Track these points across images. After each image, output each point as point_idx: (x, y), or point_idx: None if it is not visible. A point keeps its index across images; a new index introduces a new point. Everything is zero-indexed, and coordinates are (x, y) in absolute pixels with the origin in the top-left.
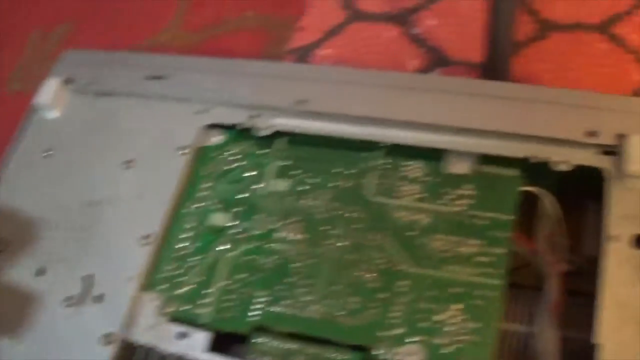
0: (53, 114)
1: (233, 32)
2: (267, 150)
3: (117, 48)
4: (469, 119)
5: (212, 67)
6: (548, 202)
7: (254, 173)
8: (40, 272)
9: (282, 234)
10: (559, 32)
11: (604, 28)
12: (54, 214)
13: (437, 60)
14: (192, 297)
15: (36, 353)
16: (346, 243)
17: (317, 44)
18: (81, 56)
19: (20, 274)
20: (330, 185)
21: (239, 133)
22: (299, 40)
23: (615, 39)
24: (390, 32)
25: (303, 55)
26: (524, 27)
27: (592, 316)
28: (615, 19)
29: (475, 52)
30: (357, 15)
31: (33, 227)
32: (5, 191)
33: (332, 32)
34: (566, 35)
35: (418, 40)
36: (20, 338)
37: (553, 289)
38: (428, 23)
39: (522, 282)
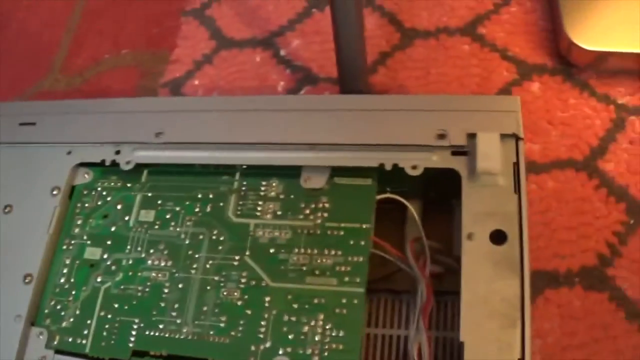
0: None
1: (110, 71)
2: (131, 184)
3: (3, 98)
4: (323, 134)
5: (79, 108)
6: (409, 208)
7: (120, 207)
8: None
9: (150, 263)
10: (422, 39)
11: (468, 30)
12: None
13: (303, 79)
14: (74, 329)
15: None
16: (209, 265)
17: (189, 74)
18: None
19: None
20: (192, 211)
21: (105, 169)
22: (172, 72)
23: (480, 40)
24: (258, 56)
25: (177, 86)
26: (389, 37)
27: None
28: (480, 19)
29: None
30: (225, 43)
31: None
32: None
33: (203, 62)
34: (430, 41)
35: (285, 62)
36: None
37: (423, 292)
38: (293, 44)
39: (398, 288)
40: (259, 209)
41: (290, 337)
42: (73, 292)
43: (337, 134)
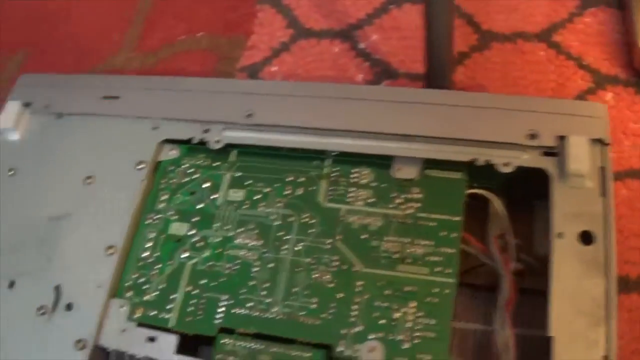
0: (14, 136)
1: (185, 53)
2: (220, 163)
3: (75, 72)
4: (415, 126)
5: (165, 85)
6: (495, 203)
7: (209, 184)
8: (11, 285)
9: (239, 241)
10: (499, 42)
11: (544, 37)
12: (19, 230)
13: (382, 72)
14: (158, 303)
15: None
16: (300, 247)
17: (266, 61)
18: (38, 80)
19: None
20: (282, 193)
21: (192, 147)
22: (249, 58)
23: (555, 47)
24: (337, 47)
25: (253, 72)
26: (467, 38)
27: (544, 313)
28: (556, 27)
29: (417, 63)
30: (303, 32)
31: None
32: None
33: (280, 49)
34: (507, 45)
35: (364, 55)
36: (2, 349)
37: (506, 288)
38: (372, 38)
39: (477, 283)
40: (350, 195)
41: (381, 322)
42: (158, 266)
43: (429, 127)
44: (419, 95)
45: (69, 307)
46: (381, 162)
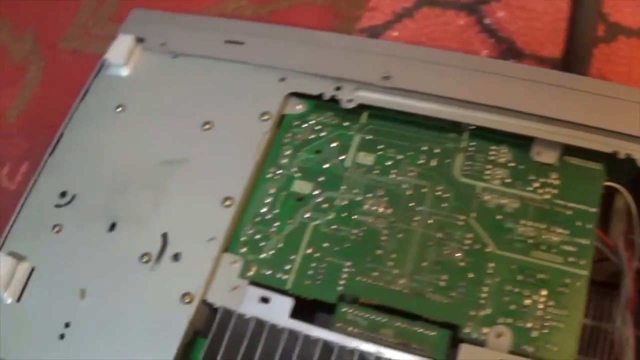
0: (124, 71)
1: (301, 7)
2: (349, 123)
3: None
4: (557, 109)
5: (294, 36)
6: (627, 199)
7: (336, 144)
8: (112, 227)
9: (367, 207)
10: (626, 36)
11: None
12: (124, 170)
13: (507, 51)
14: (274, 263)
15: (114, 309)
16: (432, 221)
17: (388, 25)
18: (151, 16)
19: (91, 229)
20: (415, 162)
21: (320, 103)
22: (370, 19)
23: None
24: (462, 20)
25: (373, 34)
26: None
27: None
28: None
29: (543, 46)
30: (428, 1)
31: (101, 181)
32: (72, 144)
33: (403, 15)
34: (632, 40)
35: (489, 31)
36: (95, 294)
37: (629, 286)
38: (498, 14)
39: (596, 279)
40: (487, 172)
41: (511, 308)
42: (276, 224)
43: (571, 112)
44: (562, 79)
45: (175, 257)
46: (520, 143)
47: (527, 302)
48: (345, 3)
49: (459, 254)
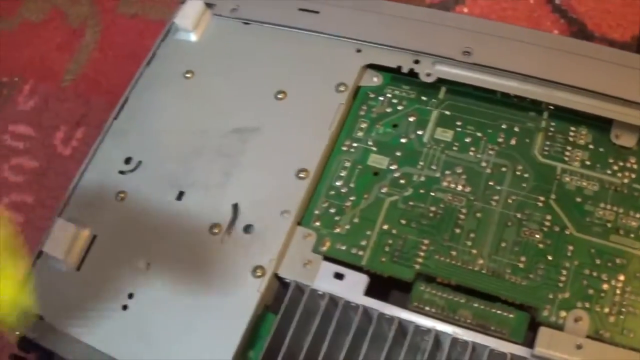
0: (193, 37)
1: None
2: (427, 98)
3: None
4: (637, 92)
5: (370, 7)
6: None
7: (414, 119)
8: (180, 196)
9: (445, 184)
10: None
11: None
12: (193, 137)
13: (578, 32)
14: (349, 238)
15: (180, 280)
16: (511, 201)
17: (458, 0)
18: None
19: (157, 197)
20: (495, 140)
21: (397, 77)
22: None
23: None
24: None
25: (444, 9)
26: None
27: None
28: None
29: (615, 29)
30: None
31: (168, 149)
32: (137, 109)
33: None
34: None
35: (560, 11)
36: (160, 265)
37: None
38: None
39: None
40: (567, 154)
41: (589, 292)
42: (352, 198)
43: None
44: None
45: (247, 229)
46: (600, 125)
47: (605, 286)
48: None
49: (538, 235)
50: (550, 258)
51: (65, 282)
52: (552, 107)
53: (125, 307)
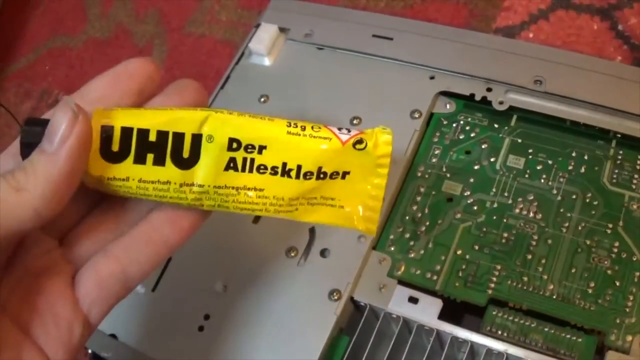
0: (267, 61)
1: (437, 3)
2: (499, 125)
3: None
4: None
5: (442, 34)
6: None
7: (486, 146)
8: (257, 220)
9: (517, 211)
10: None
11: None
12: None
13: None
14: (424, 262)
15: (257, 302)
16: (581, 228)
17: (523, 25)
18: (294, 6)
19: (234, 220)
20: (565, 168)
21: (469, 104)
22: (505, 19)
23: None
24: (596, 24)
25: (510, 35)
26: None
27: None
28: None
29: None
30: (563, 3)
31: None
32: None
33: (538, 16)
34: None
35: (623, 37)
36: (237, 287)
37: None
38: (630, 21)
39: None
40: (634, 182)
41: None
42: (426, 224)
43: None
44: None
45: (323, 253)
46: None
47: None
48: (481, 1)
49: (606, 262)
50: (617, 284)
51: (140, 303)
52: (619, 136)
53: (201, 328)
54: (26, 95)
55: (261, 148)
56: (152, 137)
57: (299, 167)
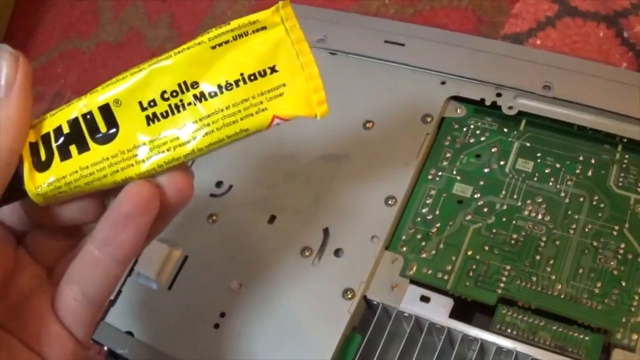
0: None
1: (445, 9)
2: (508, 130)
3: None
4: None
5: (454, 40)
6: None
7: (496, 149)
8: (272, 220)
9: (526, 213)
10: None
11: None
12: (282, 163)
13: None
14: (435, 262)
15: (272, 300)
16: (588, 230)
17: (531, 32)
18: (306, 11)
19: (249, 220)
20: (573, 172)
21: (479, 109)
22: (513, 26)
23: None
24: (602, 31)
25: (517, 41)
26: None
27: None
28: None
29: None
30: (569, 11)
31: (258, 173)
32: None
33: (546, 23)
34: None
35: (628, 44)
36: (252, 285)
37: None
38: (635, 28)
39: None
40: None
41: None
42: (437, 225)
43: None
44: None
45: (337, 253)
46: None
47: None
48: (490, 8)
49: (612, 263)
50: (623, 284)
51: (156, 301)
52: (625, 140)
53: (217, 326)
54: (39, 97)
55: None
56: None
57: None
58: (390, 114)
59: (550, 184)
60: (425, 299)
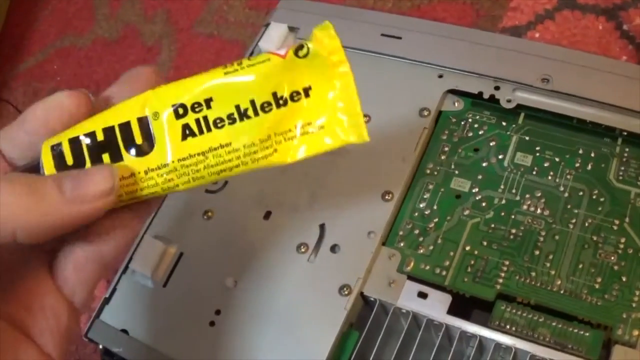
0: None
1: (444, 3)
2: (506, 123)
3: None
4: None
5: (452, 33)
6: None
7: (494, 143)
8: (267, 216)
9: (525, 207)
10: None
11: None
12: None
13: None
14: (433, 258)
15: (267, 297)
16: (588, 224)
17: (530, 25)
18: (302, 6)
19: (245, 217)
20: (572, 165)
21: (477, 102)
22: (512, 19)
23: None
24: (601, 24)
25: (516, 34)
26: None
27: None
28: None
29: None
30: (568, 4)
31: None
32: None
33: (544, 16)
34: None
35: (628, 37)
36: (248, 282)
37: None
38: (635, 21)
39: None
40: None
41: None
42: (435, 220)
43: None
44: None
45: (333, 249)
46: None
47: None
48: (488, 1)
49: (613, 257)
50: (624, 279)
51: (151, 298)
52: (625, 133)
53: (212, 323)
54: (35, 94)
55: (207, 101)
56: (100, 137)
57: (253, 102)
58: (387, 107)
59: (550, 178)
60: (422, 295)
